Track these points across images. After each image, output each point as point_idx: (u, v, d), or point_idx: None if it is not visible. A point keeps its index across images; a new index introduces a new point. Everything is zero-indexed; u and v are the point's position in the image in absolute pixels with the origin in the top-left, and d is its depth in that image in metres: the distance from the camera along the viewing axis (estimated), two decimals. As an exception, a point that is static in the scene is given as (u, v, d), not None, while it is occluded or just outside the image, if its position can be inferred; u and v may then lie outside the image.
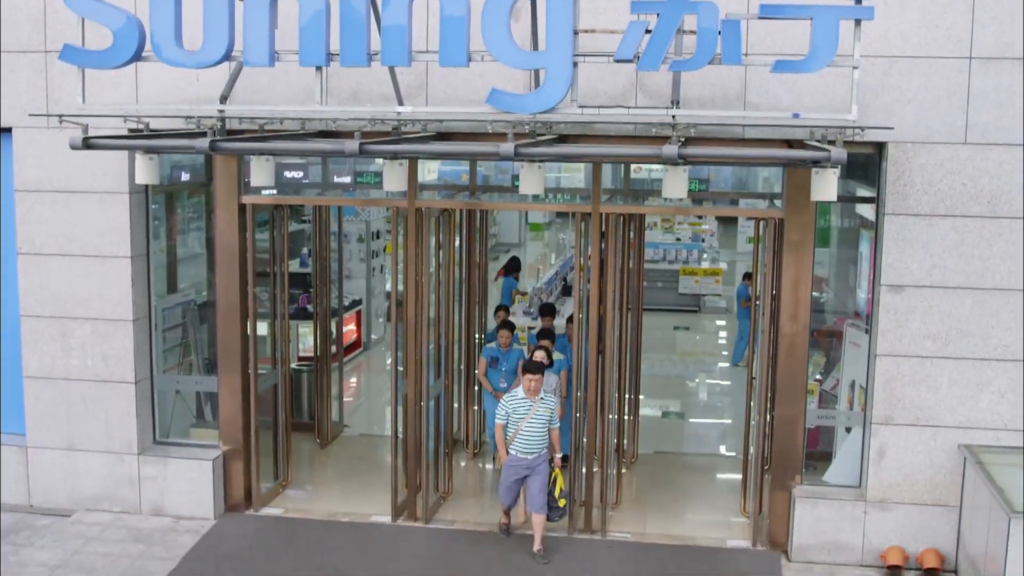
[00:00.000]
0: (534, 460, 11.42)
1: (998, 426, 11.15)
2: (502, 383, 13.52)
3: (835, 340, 13.09)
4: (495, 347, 13.80)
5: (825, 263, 14.15)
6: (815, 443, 12.74)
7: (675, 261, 25.81)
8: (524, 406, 11.41)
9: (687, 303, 25.41)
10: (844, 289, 13.62)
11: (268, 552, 11.59)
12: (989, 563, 10.11)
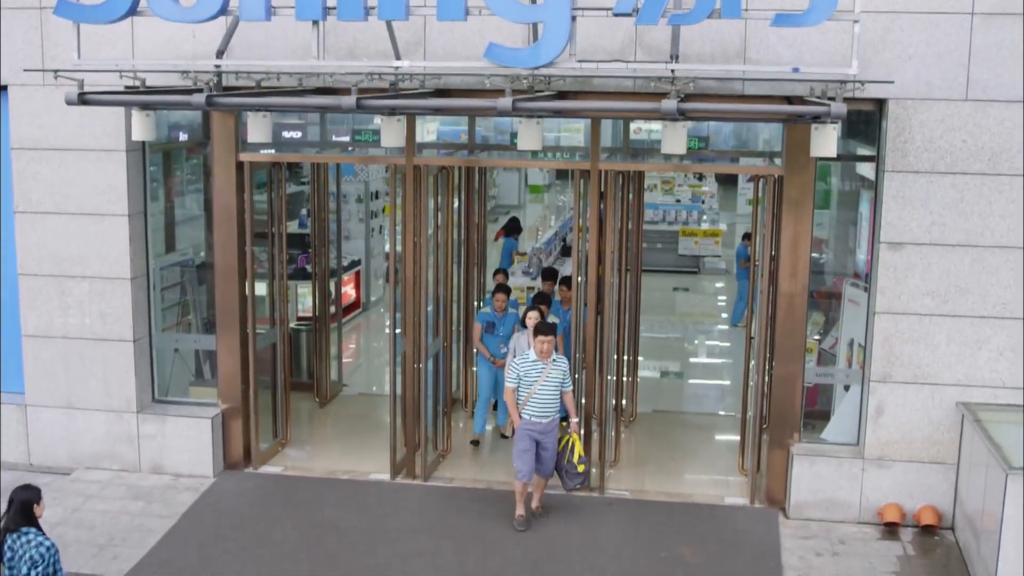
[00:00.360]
0: (548, 424, 11.11)
1: (996, 384, 11.16)
2: (501, 348, 13.31)
3: (834, 301, 13.08)
4: (490, 312, 13.51)
5: (825, 225, 14.12)
6: (813, 402, 12.76)
7: (675, 222, 25.77)
8: (536, 369, 11.08)
9: (686, 264, 25.38)
10: (844, 250, 13.59)
11: (267, 509, 11.63)
12: (986, 520, 10.14)
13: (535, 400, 11.05)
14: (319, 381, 15.21)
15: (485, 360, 13.52)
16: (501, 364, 13.15)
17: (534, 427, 11.08)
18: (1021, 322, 11.01)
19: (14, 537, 7.80)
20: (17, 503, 7.90)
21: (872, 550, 11.02)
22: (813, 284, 12.18)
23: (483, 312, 13.68)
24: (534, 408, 11.06)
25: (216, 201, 12.26)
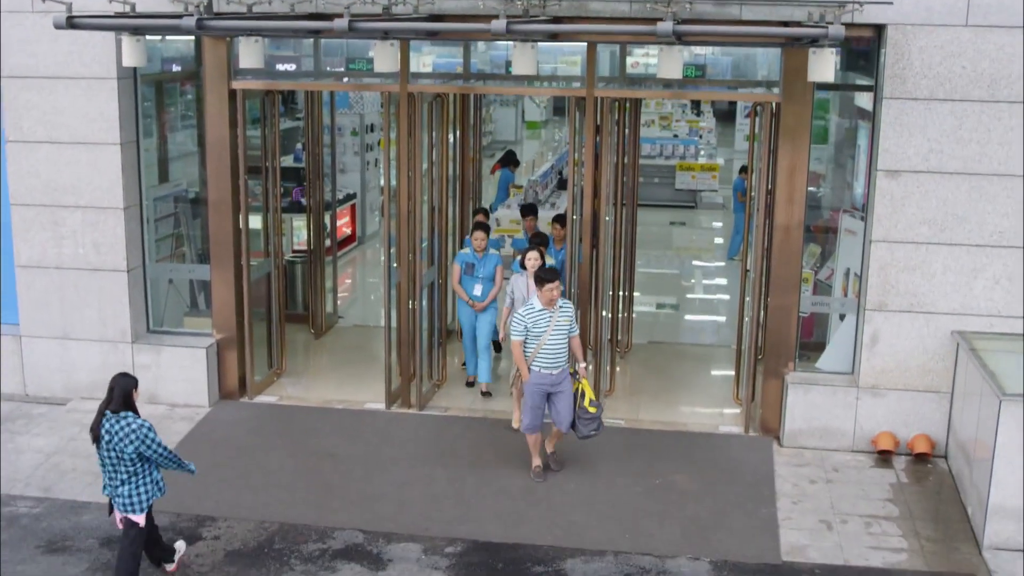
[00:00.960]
0: (560, 375, 10.60)
1: (991, 312, 11.14)
2: (476, 290, 12.74)
3: (831, 235, 13.00)
4: (469, 252, 12.81)
5: (823, 160, 14.03)
6: (809, 334, 12.76)
7: (672, 157, 25.64)
8: (544, 318, 10.48)
9: (683, 199, 25.30)
10: (841, 184, 13.50)
11: (262, 437, 11.66)
12: (979, 448, 10.16)
13: (545, 351, 10.50)
14: (314, 313, 15.19)
15: (465, 304, 12.93)
16: (481, 307, 12.72)
17: (545, 380, 10.56)
18: (1018, 250, 10.96)
19: (113, 420, 8.47)
20: (119, 389, 8.57)
21: (866, 477, 11.07)
22: (810, 218, 12.14)
23: (462, 253, 12.99)
24: (544, 360, 10.52)
25: (209, 131, 12.16)
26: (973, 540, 9.92)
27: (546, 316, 10.51)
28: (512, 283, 12.14)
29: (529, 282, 11.59)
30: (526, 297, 11.60)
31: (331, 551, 9.57)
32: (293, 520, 10.06)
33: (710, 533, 9.86)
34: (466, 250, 12.88)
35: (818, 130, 13.11)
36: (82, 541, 9.69)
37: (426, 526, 9.98)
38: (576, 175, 12.14)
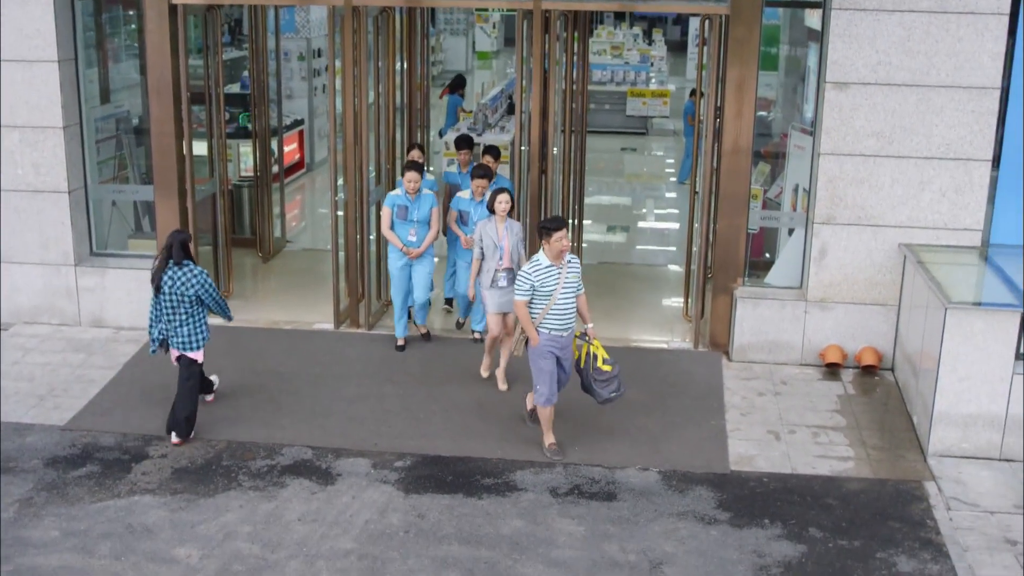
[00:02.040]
0: (569, 337, 9.64)
1: (938, 225, 11.18)
2: (411, 236, 11.57)
3: (780, 159, 12.96)
4: (401, 194, 11.57)
5: (773, 85, 14.00)
6: (759, 253, 12.78)
7: (623, 83, 25.51)
8: (552, 275, 9.40)
9: (634, 125, 25.22)
10: (791, 107, 13.46)
11: (209, 358, 11.45)
12: (924, 359, 10.24)
13: (555, 312, 9.45)
14: (261, 237, 15.03)
15: (397, 253, 11.67)
16: (416, 254, 11.60)
17: (555, 343, 9.54)
18: (965, 163, 10.99)
19: (175, 269, 9.73)
20: (176, 242, 9.78)
21: (813, 390, 11.14)
22: (760, 143, 12.10)
23: (393, 195, 11.65)
24: (554, 321, 9.47)
25: (150, 53, 11.86)
26: (918, 448, 10.03)
27: (554, 273, 9.42)
28: (479, 232, 10.85)
29: (499, 228, 10.70)
30: (497, 245, 10.67)
31: (280, 467, 9.53)
32: (241, 438, 10.00)
33: (660, 445, 9.89)
34: (398, 191, 11.60)
35: (768, 57, 13.06)
36: (26, 462, 9.58)
37: (375, 441, 9.95)
38: (524, 100, 12.03)
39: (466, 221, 11.73)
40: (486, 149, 12.56)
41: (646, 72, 26.08)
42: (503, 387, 10.92)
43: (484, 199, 11.39)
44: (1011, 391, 9.66)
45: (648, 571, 8.13)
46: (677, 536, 8.57)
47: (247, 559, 8.17)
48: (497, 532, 8.57)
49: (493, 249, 10.72)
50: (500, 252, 10.68)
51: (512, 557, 8.25)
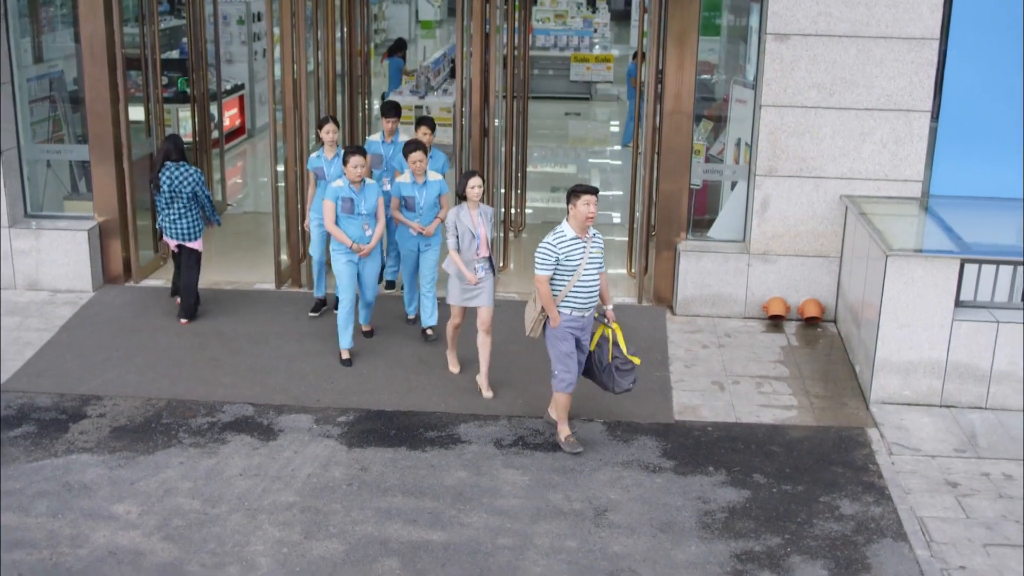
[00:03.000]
0: (589, 318, 8.97)
1: (879, 176, 11.23)
2: (366, 231, 10.34)
3: (723, 122, 12.89)
4: (344, 185, 10.23)
5: (716, 49, 13.95)
6: (702, 211, 12.75)
7: (566, 48, 25.41)
8: (578, 249, 8.70)
9: (578, 91, 25.15)
10: (733, 71, 13.40)
11: (149, 319, 11.38)
12: (866, 309, 10.28)
13: (577, 290, 8.76)
14: (201, 201, 14.81)
15: (343, 250, 10.35)
16: (368, 251, 10.37)
17: (575, 323, 8.88)
18: (906, 113, 11.03)
19: (173, 168, 11.02)
20: (171, 142, 11.12)
21: (757, 342, 11.17)
22: (703, 107, 12.08)
23: (334, 187, 10.28)
24: (577, 299, 8.77)
25: (83, 16, 11.61)
26: (861, 396, 10.09)
27: (579, 247, 8.73)
28: (452, 219, 9.69)
29: (472, 214, 9.68)
30: (474, 234, 9.64)
31: (220, 424, 9.40)
32: (181, 396, 9.86)
33: (604, 396, 9.84)
34: (339, 183, 10.29)
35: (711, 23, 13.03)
36: (-39, 422, 9.40)
37: (318, 397, 9.85)
38: (465, 67, 11.94)
39: (412, 207, 10.67)
40: (420, 120, 11.59)
41: (589, 37, 25.99)
42: (488, 395, 9.86)
43: (428, 180, 10.65)
44: (951, 338, 9.72)
45: (593, 518, 8.11)
46: (622, 484, 8.56)
47: (187, 514, 8.06)
48: (441, 483, 8.52)
49: (470, 239, 9.67)
50: (477, 241, 9.70)
51: (456, 507, 8.20)
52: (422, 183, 10.66)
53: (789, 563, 7.65)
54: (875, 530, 8.06)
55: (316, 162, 11.25)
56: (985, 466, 8.94)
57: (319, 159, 11.20)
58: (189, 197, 11.06)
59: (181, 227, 11.14)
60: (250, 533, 7.84)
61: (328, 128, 11.17)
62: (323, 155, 11.18)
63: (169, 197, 11.03)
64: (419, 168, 10.58)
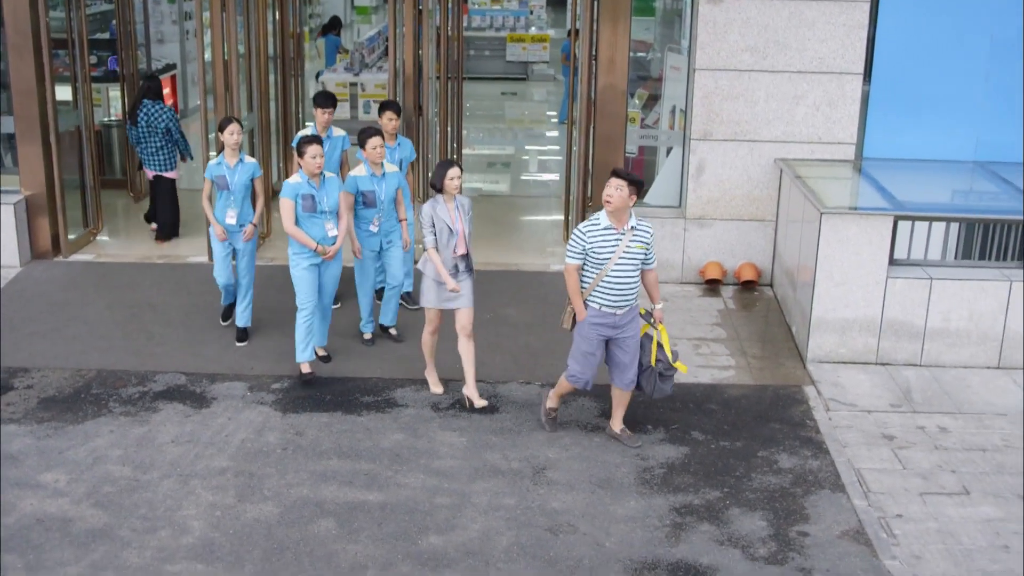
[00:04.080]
0: (625, 316, 8.18)
1: (813, 139, 11.27)
2: (330, 231, 9.30)
3: (658, 97, 12.86)
4: (303, 180, 9.13)
5: (651, 28, 13.94)
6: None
7: (502, 28, 25.33)
8: (610, 240, 7.97)
9: (515, 71, 25.07)
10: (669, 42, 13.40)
11: (78, 292, 11.15)
12: (802, 272, 10.31)
13: (606, 284, 8.04)
14: (132, 178, 14.59)
15: (305, 253, 9.28)
16: (333, 254, 9.36)
17: (604, 320, 8.15)
18: (838, 76, 11.07)
19: (150, 105, 12.38)
20: (150, 81, 12.59)
21: (694, 305, 11.17)
22: (635, 86, 12.03)
23: (293, 183, 9.17)
24: (605, 294, 8.06)
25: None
26: (798, 356, 10.12)
27: (613, 237, 7.96)
28: (428, 217, 8.72)
29: (448, 207, 8.73)
30: (453, 229, 8.70)
31: (152, 393, 9.23)
32: (111, 366, 9.66)
33: (541, 359, 9.82)
34: (297, 178, 9.21)
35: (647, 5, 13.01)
36: None
37: (252, 365, 9.71)
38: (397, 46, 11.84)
39: (373, 202, 9.67)
40: (385, 105, 10.49)
41: (525, 17, 25.92)
42: (481, 404, 8.97)
43: (386, 172, 9.69)
44: (886, 295, 9.78)
45: (531, 476, 8.06)
46: (560, 444, 8.51)
47: (118, 481, 7.90)
48: (377, 446, 8.42)
49: (448, 236, 8.71)
50: (455, 237, 8.74)
51: (393, 468, 8.11)
52: (381, 175, 9.66)
53: (728, 515, 7.65)
54: (813, 482, 8.07)
55: (216, 170, 9.83)
56: (920, 420, 9.00)
57: (220, 166, 9.82)
58: (164, 132, 12.38)
59: (159, 159, 12.51)
60: (182, 498, 7.70)
61: (232, 129, 9.78)
62: (224, 161, 9.82)
63: (147, 132, 12.32)
64: (379, 156, 9.56)
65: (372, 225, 9.80)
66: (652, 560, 7.12)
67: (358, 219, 9.77)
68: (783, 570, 7.07)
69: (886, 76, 11.22)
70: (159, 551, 7.10)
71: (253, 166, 9.98)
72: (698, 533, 7.43)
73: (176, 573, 6.88)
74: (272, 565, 6.99)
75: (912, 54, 11.15)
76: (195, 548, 7.14)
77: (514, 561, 7.08)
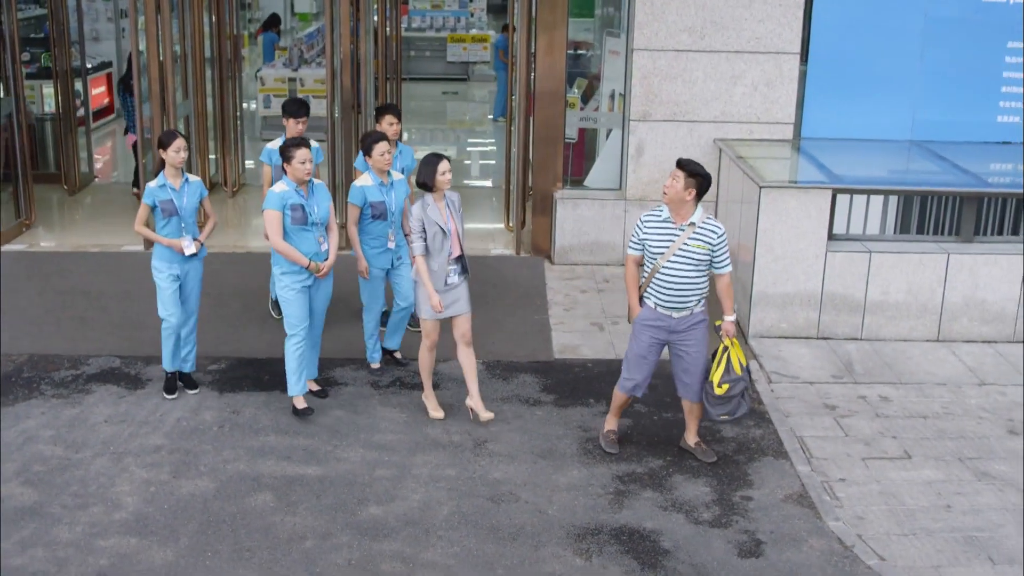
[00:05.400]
0: (682, 320, 7.48)
1: (751, 119, 11.29)
2: (322, 246, 8.19)
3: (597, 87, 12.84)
4: (291, 189, 8.00)
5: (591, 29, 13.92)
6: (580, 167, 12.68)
7: (443, 29, 25.26)
8: (667, 233, 7.34)
9: (456, 71, 25.00)
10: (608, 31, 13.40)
11: (9, 282, 10.89)
12: (743, 251, 10.31)
13: (660, 279, 7.38)
14: (67, 172, 14.35)
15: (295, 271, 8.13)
16: (327, 271, 8.28)
17: (658, 321, 7.48)
18: (775, 56, 11.10)
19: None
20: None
21: (636, 286, 11.13)
22: (573, 78, 12.01)
23: (279, 192, 7.99)
24: (658, 292, 7.40)
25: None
26: (739, 331, 10.10)
27: (670, 231, 7.34)
28: (418, 221, 7.94)
29: (438, 206, 7.96)
30: (446, 231, 7.95)
31: (85, 375, 9.04)
32: (43, 351, 9.45)
33: (483, 339, 9.70)
34: (282, 186, 8.03)
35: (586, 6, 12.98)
36: None
37: (189, 348, 9.54)
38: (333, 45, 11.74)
39: (383, 214, 8.67)
40: (384, 109, 9.54)
41: (466, 18, 25.87)
42: (487, 416, 8.24)
43: (393, 180, 8.75)
44: (825, 269, 9.79)
45: (472, 448, 7.97)
46: (501, 417, 8.42)
47: (49, 460, 7.70)
48: (316, 422, 8.30)
49: (441, 239, 7.95)
50: (449, 239, 8.02)
51: (332, 443, 7.98)
52: (389, 184, 8.71)
53: (671, 482, 7.60)
54: (756, 450, 8.05)
55: (160, 193, 8.24)
56: (862, 390, 9.01)
57: (164, 189, 8.25)
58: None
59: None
60: (115, 475, 7.53)
61: (178, 146, 8.20)
62: (168, 183, 8.26)
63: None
64: (387, 163, 8.62)
65: (389, 241, 8.79)
66: (595, 525, 7.05)
67: (364, 234, 8.72)
68: (727, 532, 7.02)
69: (823, 56, 11.26)
70: (91, 527, 6.93)
71: (199, 185, 8.49)
72: (641, 500, 7.37)
73: (108, 547, 6.72)
74: (208, 537, 6.84)
75: (848, 34, 11.21)
76: (128, 523, 6.98)
77: (455, 529, 6.98)
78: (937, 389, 9.06)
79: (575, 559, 6.71)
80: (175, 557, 6.63)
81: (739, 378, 7.48)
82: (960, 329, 9.89)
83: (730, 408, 7.55)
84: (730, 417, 7.60)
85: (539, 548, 6.81)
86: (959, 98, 11.40)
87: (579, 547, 6.83)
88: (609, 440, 7.99)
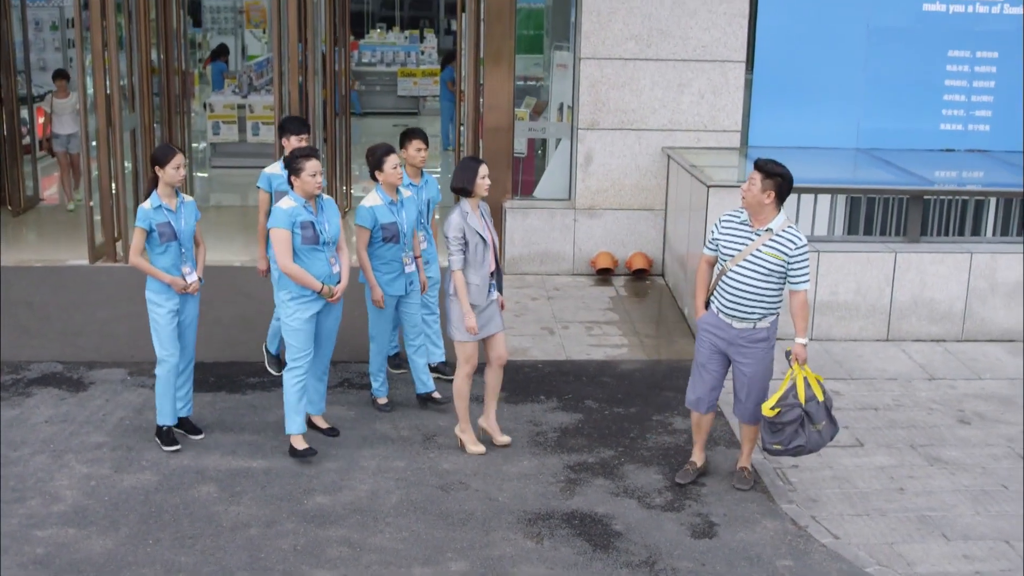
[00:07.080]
0: (740, 333, 6.95)
1: (699, 127, 11.35)
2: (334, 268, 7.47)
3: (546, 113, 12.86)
4: (298, 205, 7.25)
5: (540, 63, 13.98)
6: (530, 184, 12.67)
7: (393, 63, 25.31)
8: (742, 236, 6.86)
9: (407, 106, 25.02)
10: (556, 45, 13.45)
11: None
12: (691, 258, 10.31)
13: (726, 282, 6.90)
14: (12, 194, 14.14)
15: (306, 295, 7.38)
16: (339, 295, 7.54)
17: (717, 327, 7.02)
18: (721, 64, 11.18)
19: None
20: None
21: (587, 293, 11.13)
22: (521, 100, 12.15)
23: (286, 208, 7.23)
24: (722, 295, 6.93)
25: None
26: (690, 335, 10.09)
27: (745, 234, 6.85)
28: (459, 226, 7.29)
29: (475, 214, 7.36)
30: (486, 240, 7.36)
31: (25, 380, 8.89)
32: (-18, 359, 9.27)
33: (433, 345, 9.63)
34: (289, 202, 7.27)
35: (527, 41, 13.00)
36: None
37: (132, 354, 9.38)
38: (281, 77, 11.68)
39: (396, 237, 7.95)
40: (410, 133, 8.62)
41: (416, 53, 25.94)
42: (502, 441, 7.83)
43: (403, 198, 8.02)
44: (775, 270, 9.78)
45: (421, 442, 7.87)
46: (451, 414, 8.30)
47: (-14, 458, 7.52)
48: (262, 420, 8.17)
49: (483, 249, 7.36)
50: (489, 250, 7.43)
51: (278, 439, 7.85)
52: (399, 202, 8.01)
53: (623, 470, 7.53)
54: (709, 440, 7.97)
55: (157, 216, 7.47)
56: (812, 385, 8.98)
57: (160, 211, 7.49)
58: None
59: None
60: (55, 471, 7.35)
61: (177, 162, 7.45)
62: (164, 204, 7.50)
63: None
64: (399, 177, 7.92)
65: (406, 265, 8.09)
66: (546, 511, 6.96)
67: (375, 259, 8.00)
68: (680, 515, 6.95)
69: (769, 64, 11.37)
70: (27, 518, 6.75)
71: (194, 206, 7.77)
72: (593, 487, 7.29)
73: (45, 537, 6.54)
74: (149, 526, 6.68)
75: (793, 42, 11.34)
76: (67, 515, 6.80)
77: (404, 516, 6.86)
78: (888, 384, 9.07)
79: (526, 542, 6.60)
80: (115, 545, 6.46)
81: (795, 404, 6.85)
82: (909, 328, 9.93)
83: (783, 438, 6.92)
84: (783, 447, 6.94)
85: (489, 532, 6.70)
86: (903, 106, 11.54)
87: (530, 531, 6.73)
88: (684, 470, 7.46)
